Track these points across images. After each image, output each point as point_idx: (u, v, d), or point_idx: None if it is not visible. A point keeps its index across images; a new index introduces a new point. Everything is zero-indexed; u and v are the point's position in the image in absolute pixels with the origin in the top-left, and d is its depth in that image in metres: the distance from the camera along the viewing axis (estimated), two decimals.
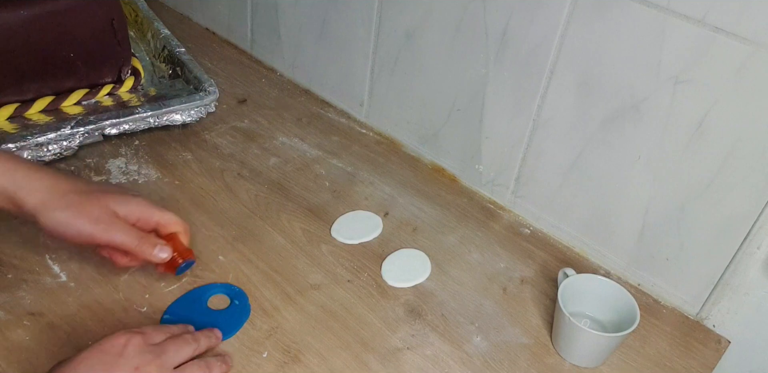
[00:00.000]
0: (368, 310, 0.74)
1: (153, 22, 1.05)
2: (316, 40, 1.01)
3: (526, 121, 0.81)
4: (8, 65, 0.85)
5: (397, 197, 0.90)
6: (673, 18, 0.64)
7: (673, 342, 0.75)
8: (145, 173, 0.88)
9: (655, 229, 0.76)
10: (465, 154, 0.90)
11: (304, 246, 0.81)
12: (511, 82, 0.80)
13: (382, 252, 0.81)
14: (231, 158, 0.92)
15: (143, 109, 0.89)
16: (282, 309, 0.73)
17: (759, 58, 0.61)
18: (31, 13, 0.83)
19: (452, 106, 0.88)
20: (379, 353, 0.70)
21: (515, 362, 0.70)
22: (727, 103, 0.64)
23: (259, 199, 0.87)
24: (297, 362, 0.68)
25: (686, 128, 0.68)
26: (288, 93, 1.08)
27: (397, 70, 0.92)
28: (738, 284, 0.73)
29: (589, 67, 0.72)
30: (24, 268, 0.73)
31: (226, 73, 1.10)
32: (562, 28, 0.72)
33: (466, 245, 0.84)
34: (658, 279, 0.79)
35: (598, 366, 0.71)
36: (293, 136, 0.98)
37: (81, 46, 0.89)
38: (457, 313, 0.75)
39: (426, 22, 0.85)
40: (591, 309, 0.73)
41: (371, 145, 0.98)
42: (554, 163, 0.81)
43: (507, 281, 0.80)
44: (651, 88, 0.68)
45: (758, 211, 0.67)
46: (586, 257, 0.84)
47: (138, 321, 0.69)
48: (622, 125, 0.72)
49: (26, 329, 0.67)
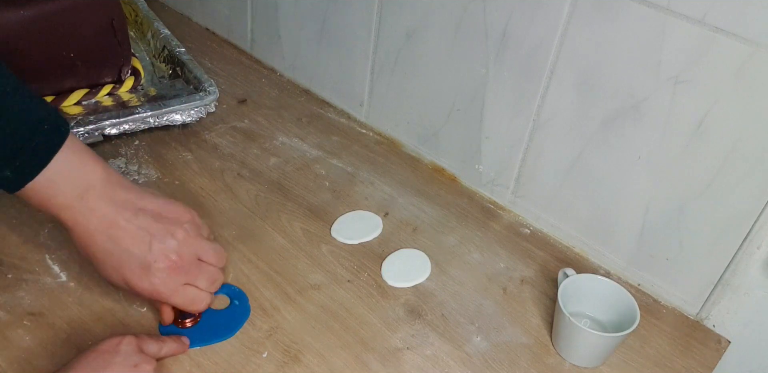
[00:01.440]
0: (368, 310, 0.74)
1: (153, 22, 1.05)
2: (316, 40, 1.01)
3: (526, 121, 0.81)
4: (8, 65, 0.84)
5: (397, 197, 0.90)
6: (673, 18, 0.64)
7: (673, 342, 0.75)
8: (145, 173, 0.88)
9: (655, 229, 0.76)
10: (465, 154, 0.90)
11: (304, 246, 0.81)
12: (511, 82, 0.80)
13: (382, 252, 0.81)
14: (231, 158, 0.92)
15: (143, 109, 0.89)
16: (282, 309, 0.73)
17: (759, 58, 0.61)
18: (31, 13, 0.83)
19: (452, 106, 0.88)
20: (379, 353, 0.70)
21: (515, 362, 0.70)
22: (727, 103, 0.64)
23: (259, 199, 0.87)
24: (297, 362, 0.68)
25: (686, 128, 0.68)
26: (288, 93, 1.08)
27: (397, 70, 0.92)
28: (738, 283, 0.73)
29: (589, 67, 0.72)
30: (24, 268, 0.73)
31: (226, 73, 1.10)
32: (562, 28, 0.72)
33: (466, 245, 0.84)
34: (658, 279, 0.79)
35: (598, 366, 0.71)
36: (293, 136, 0.98)
37: (81, 46, 0.89)
38: (457, 313, 0.75)
39: (426, 22, 0.85)
40: (591, 309, 0.73)
41: (371, 145, 0.98)
42: (554, 163, 0.81)
43: (507, 281, 0.80)
44: (651, 88, 0.68)
45: (758, 211, 0.67)
46: (586, 257, 0.84)
47: (138, 321, 0.69)
48: (622, 125, 0.72)
49: (26, 329, 0.67)
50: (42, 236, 0.77)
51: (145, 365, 0.59)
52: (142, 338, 0.62)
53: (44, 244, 0.76)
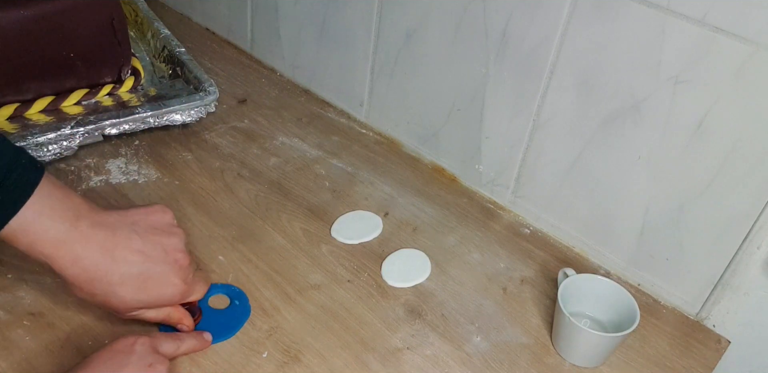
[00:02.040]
0: (368, 310, 0.74)
1: (153, 22, 1.05)
2: (316, 40, 1.01)
3: (526, 121, 0.81)
4: (8, 65, 0.85)
5: (397, 197, 0.90)
6: (673, 18, 0.64)
7: (673, 342, 0.75)
8: (145, 173, 0.88)
9: (655, 229, 0.76)
10: (465, 154, 0.90)
11: (304, 246, 0.81)
12: (511, 82, 0.80)
13: (382, 252, 0.81)
14: (231, 158, 0.92)
15: (143, 109, 0.89)
16: (282, 309, 0.73)
17: (759, 58, 0.61)
18: (31, 13, 0.83)
19: (452, 106, 0.88)
20: (379, 353, 0.70)
21: (515, 362, 0.70)
22: (727, 103, 0.64)
23: (259, 199, 0.87)
24: (297, 362, 0.68)
25: (686, 128, 0.68)
26: (288, 93, 1.08)
27: (397, 70, 0.92)
28: (738, 284, 0.73)
29: (589, 67, 0.72)
30: (24, 268, 0.73)
31: (226, 73, 1.10)
32: (562, 28, 0.72)
33: (466, 245, 0.84)
34: (658, 279, 0.79)
35: (598, 366, 0.71)
36: (293, 136, 0.98)
37: (81, 46, 0.89)
38: (457, 313, 0.75)
39: (426, 22, 0.85)
40: (591, 309, 0.73)
41: (371, 145, 0.98)
42: (554, 163, 0.81)
43: (507, 281, 0.80)
44: (651, 88, 0.68)
45: (758, 211, 0.67)
46: (586, 257, 0.84)
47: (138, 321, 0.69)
48: (622, 125, 0.72)
49: (26, 329, 0.67)
50: None
51: (159, 366, 0.59)
52: (157, 337, 0.63)
53: None
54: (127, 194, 0.84)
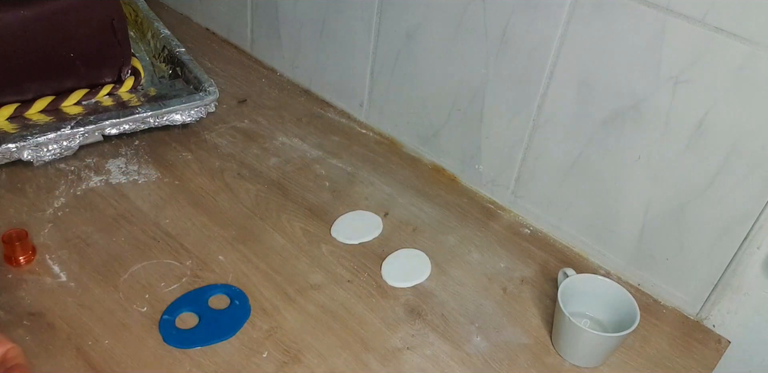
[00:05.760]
0: (368, 310, 0.74)
1: (153, 22, 1.05)
2: (316, 40, 1.01)
3: (526, 121, 0.81)
4: (8, 65, 0.85)
5: (397, 197, 0.90)
6: (673, 18, 0.64)
7: (673, 342, 0.75)
8: (145, 173, 0.88)
9: (655, 229, 0.76)
10: (465, 154, 0.90)
11: (304, 246, 0.81)
12: (511, 82, 0.80)
13: (382, 252, 0.81)
14: (231, 158, 0.92)
15: (143, 109, 0.89)
16: (282, 309, 0.73)
17: (759, 58, 0.61)
18: (31, 13, 0.83)
19: (452, 106, 0.88)
20: (379, 353, 0.70)
21: (515, 362, 0.70)
22: (727, 103, 0.64)
23: (259, 199, 0.87)
24: (297, 362, 0.68)
25: (686, 128, 0.68)
26: (288, 93, 1.08)
27: (397, 70, 0.92)
28: (738, 284, 0.73)
29: (589, 67, 0.72)
30: (24, 268, 0.73)
31: (226, 73, 1.10)
32: (562, 28, 0.72)
33: (466, 245, 0.84)
34: (658, 279, 0.79)
35: (598, 366, 0.71)
36: (293, 136, 0.98)
37: (81, 46, 0.89)
38: (457, 313, 0.75)
39: (426, 22, 0.85)
40: (591, 309, 0.73)
41: (371, 145, 0.98)
42: (554, 163, 0.81)
43: (507, 281, 0.80)
44: (651, 88, 0.68)
45: (758, 211, 0.67)
46: (586, 257, 0.84)
47: (138, 321, 0.69)
48: (622, 125, 0.72)
49: (26, 329, 0.67)
50: (42, 236, 0.77)
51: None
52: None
53: (44, 244, 0.76)
54: (127, 194, 0.84)
